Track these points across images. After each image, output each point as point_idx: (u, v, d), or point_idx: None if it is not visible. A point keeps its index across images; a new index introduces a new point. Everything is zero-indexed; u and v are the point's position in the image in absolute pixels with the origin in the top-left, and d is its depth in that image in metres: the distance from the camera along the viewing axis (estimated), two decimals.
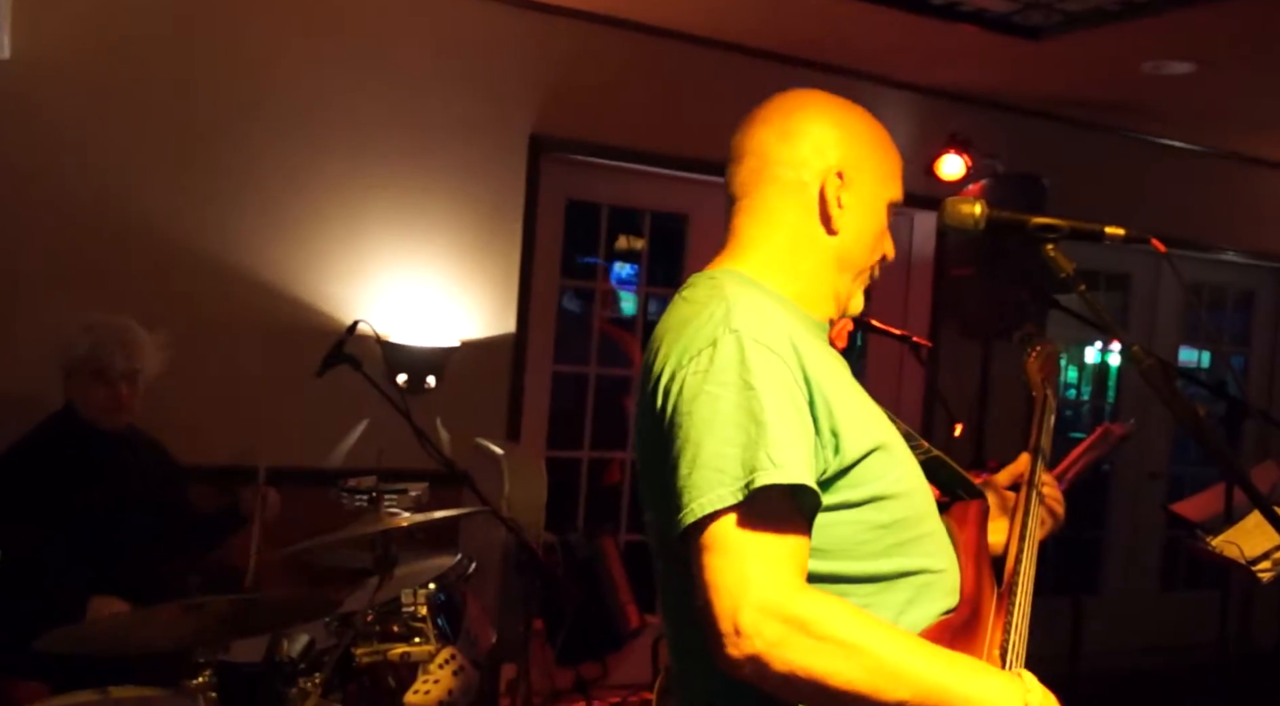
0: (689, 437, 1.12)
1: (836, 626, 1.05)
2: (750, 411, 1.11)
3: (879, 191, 1.35)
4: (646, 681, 3.73)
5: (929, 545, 1.25)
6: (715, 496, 1.08)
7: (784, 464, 1.09)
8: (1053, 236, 1.38)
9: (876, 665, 1.04)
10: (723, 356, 1.14)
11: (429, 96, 3.78)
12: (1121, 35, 3.77)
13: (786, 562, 1.08)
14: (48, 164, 3.30)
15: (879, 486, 1.20)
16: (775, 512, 1.09)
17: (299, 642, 2.43)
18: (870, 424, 1.23)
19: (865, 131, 1.36)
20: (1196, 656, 4.97)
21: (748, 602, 1.04)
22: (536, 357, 4.14)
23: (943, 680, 1.06)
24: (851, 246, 1.33)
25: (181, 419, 3.26)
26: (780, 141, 1.33)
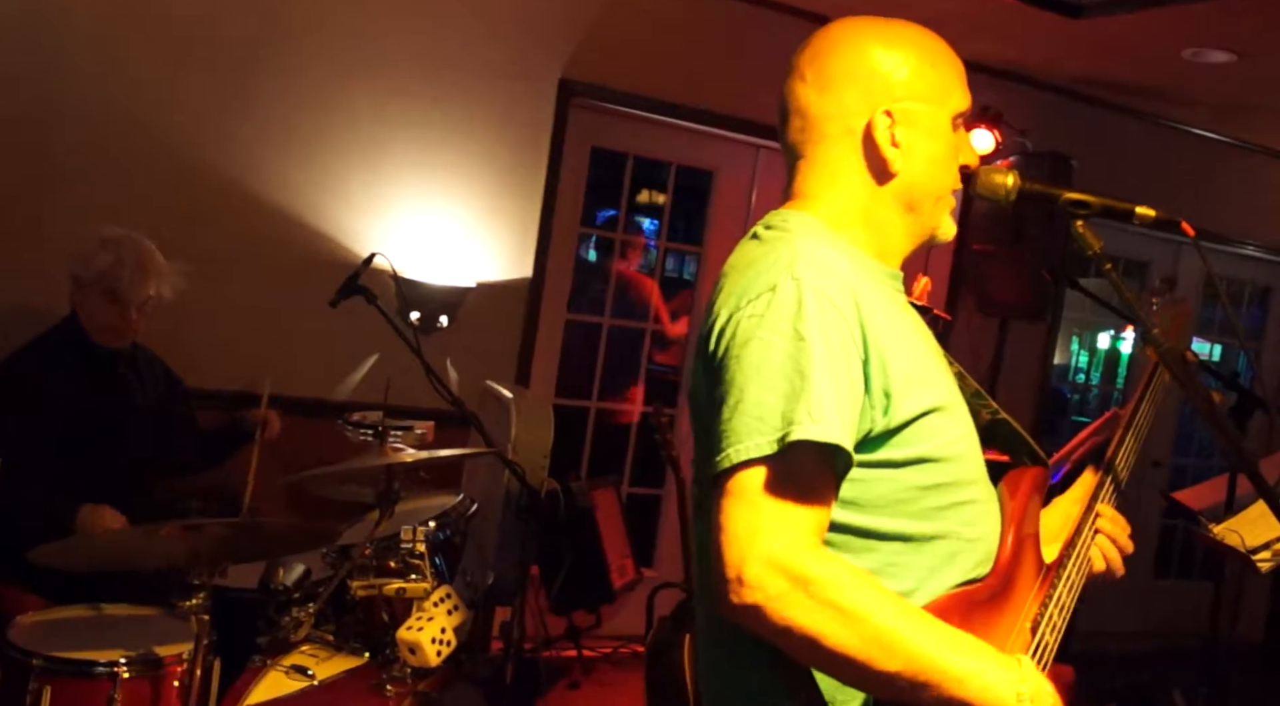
0: (734, 381, 1.11)
1: (839, 591, 1.04)
2: (798, 363, 1.09)
3: (938, 113, 1.28)
4: (639, 633, 3.77)
5: (969, 512, 1.23)
6: (751, 445, 1.08)
7: (822, 420, 1.07)
8: (1083, 213, 1.35)
9: (872, 634, 1.04)
10: (780, 303, 1.12)
11: (461, 35, 3.73)
12: (1164, 19, 3.70)
13: (804, 520, 1.08)
14: (76, 83, 3.26)
15: (927, 448, 1.18)
16: (805, 469, 1.08)
17: (294, 572, 2.45)
18: (929, 384, 1.20)
19: (908, 54, 1.27)
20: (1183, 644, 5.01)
21: (755, 553, 1.05)
22: (551, 304, 4.12)
23: (937, 657, 1.05)
24: (920, 180, 1.27)
25: (192, 341, 3.27)
26: (819, 94, 1.27)
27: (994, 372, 4.81)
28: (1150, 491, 5.47)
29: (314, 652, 2.32)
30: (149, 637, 2.21)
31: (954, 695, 1.06)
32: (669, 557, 4.56)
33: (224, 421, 3.06)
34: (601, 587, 3.75)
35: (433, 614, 2.25)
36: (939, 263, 4.78)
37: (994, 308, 4.68)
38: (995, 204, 1.38)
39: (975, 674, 1.06)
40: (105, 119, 3.30)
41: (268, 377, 2.73)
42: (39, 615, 2.32)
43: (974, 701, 1.06)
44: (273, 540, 2.33)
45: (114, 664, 2.11)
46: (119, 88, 3.31)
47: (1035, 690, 1.08)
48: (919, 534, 1.19)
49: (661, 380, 4.76)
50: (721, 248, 4.52)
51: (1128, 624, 5.41)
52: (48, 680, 2.07)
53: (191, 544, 2.04)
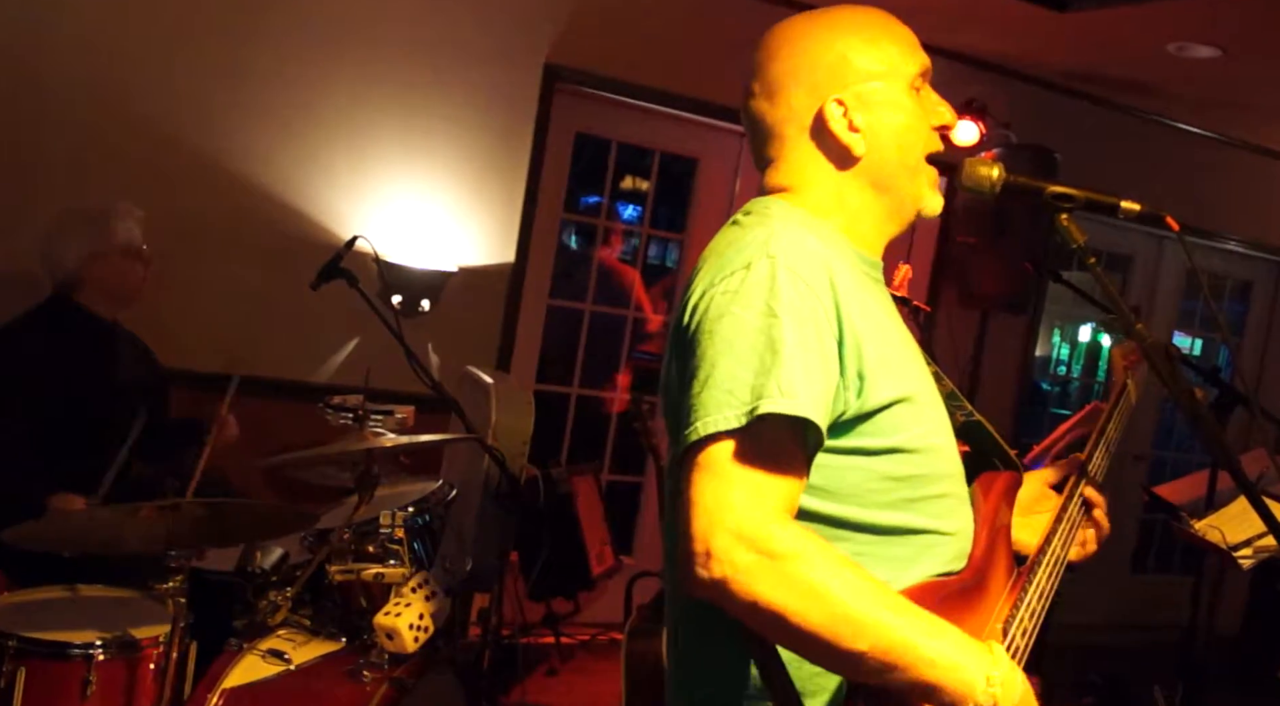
0: (705, 356, 1.11)
1: (808, 566, 1.03)
2: (769, 338, 1.09)
3: (890, 85, 1.27)
4: (618, 621, 3.77)
5: (942, 506, 1.23)
6: (719, 418, 1.07)
7: (792, 394, 1.07)
8: (1068, 206, 1.35)
9: (840, 612, 1.02)
10: (754, 280, 1.12)
11: (446, 19, 3.70)
12: (1150, 14, 3.71)
13: (774, 495, 1.07)
14: (62, 62, 3.22)
15: (899, 438, 1.18)
16: (774, 443, 1.08)
17: (272, 555, 2.44)
18: (903, 373, 1.20)
19: (843, 39, 1.27)
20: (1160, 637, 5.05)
21: (723, 526, 1.04)
22: (533, 290, 4.11)
23: (906, 637, 1.04)
24: (889, 156, 1.26)
25: (171, 320, 3.25)
26: (770, 103, 1.28)
27: (975, 365, 4.83)
28: (1130, 485, 5.52)
29: (291, 637, 2.32)
30: (125, 620, 2.20)
31: (922, 677, 1.04)
32: (648, 546, 4.57)
33: (184, 421, 3.01)
34: (580, 575, 3.74)
35: (410, 600, 2.24)
36: (921, 253, 4.79)
37: (976, 299, 4.70)
38: (980, 196, 1.38)
39: (945, 655, 1.05)
40: (89, 97, 3.26)
41: (235, 377, 2.71)
42: (14, 596, 2.30)
43: (943, 684, 1.04)
44: (252, 522, 2.32)
45: (90, 646, 2.10)
46: (105, 66, 3.27)
47: (1006, 675, 1.07)
48: (890, 525, 1.18)
49: (643, 368, 4.75)
50: (704, 235, 4.50)
51: (1105, 616, 5.47)
52: (22, 661, 2.05)
53: (169, 525, 2.02)
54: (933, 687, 1.05)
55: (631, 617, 3.04)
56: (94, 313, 2.77)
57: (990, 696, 1.05)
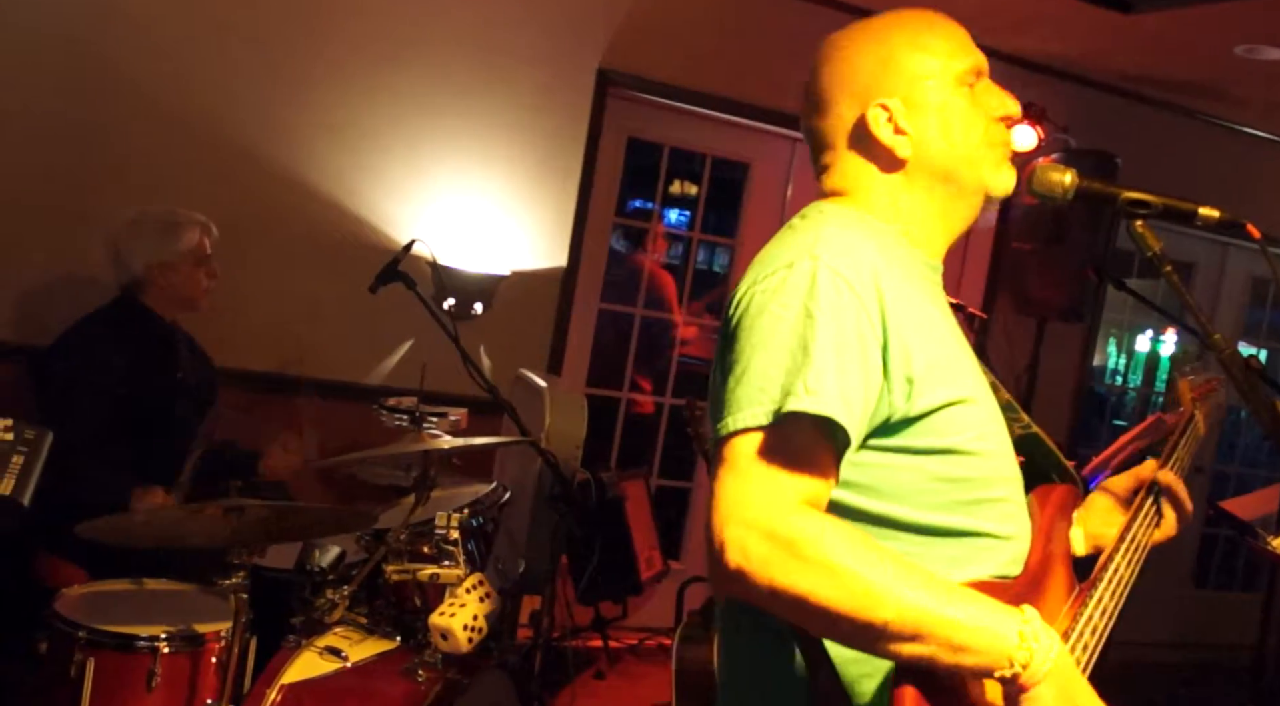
0: (742, 353, 1.13)
1: (822, 547, 1.02)
2: (803, 338, 1.09)
3: (941, 82, 1.26)
4: (666, 626, 3.77)
5: (998, 510, 1.21)
6: (748, 414, 1.09)
7: (818, 393, 1.07)
8: (1144, 213, 1.32)
9: (855, 586, 1.01)
10: (794, 280, 1.13)
11: (501, 23, 3.73)
12: (1217, 15, 3.63)
13: (794, 489, 1.06)
14: (127, 69, 3.28)
15: (953, 440, 1.17)
16: (798, 441, 1.08)
17: (330, 554, 2.46)
18: (956, 376, 1.19)
19: (885, 45, 1.28)
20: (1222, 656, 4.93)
21: (736, 518, 1.04)
22: (584, 294, 4.12)
23: (927, 603, 1.02)
24: (938, 152, 1.26)
25: (229, 321, 3.29)
26: (821, 117, 1.31)
27: (1031, 373, 4.75)
28: (1191, 498, 5.40)
29: (347, 635, 2.33)
30: (189, 614, 2.24)
31: (951, 640, 1.01)
32: (696, 551, 4.56)
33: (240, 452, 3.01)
34: (629, 579, 3.74)
35: (465, 600, 2.25)
36: (977, 260, 4.73)
37: (1032, 307, 4.62)
38: (1051, 202, 1.36)
39: (971, 616, 1.03)
40: (155, 103, 3.32)
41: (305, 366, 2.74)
42: (84, 588, 2.36)
43: (974, 645, 1.02)
44: (312, 522, 2.35)
45: (155, 639, 2.14)
46: (170, 73, 3.34)
47: (1039, 630, 1.04)
48: (941, 526, 1.17)
49: (693, 372, 4.74)
50: (755, 240, 4.50)
51: (1166, 634, 5.34)
52: (91, 652, 2.10)
53: (233, 524, 2.05)
54: (964, 650, 1.02)
55: (682, 623, 3.04)
56: (158, 314, 2.84)
57: (1026, 651, 1.02)
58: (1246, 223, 1.31)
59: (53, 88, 3.21)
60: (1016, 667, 1.02)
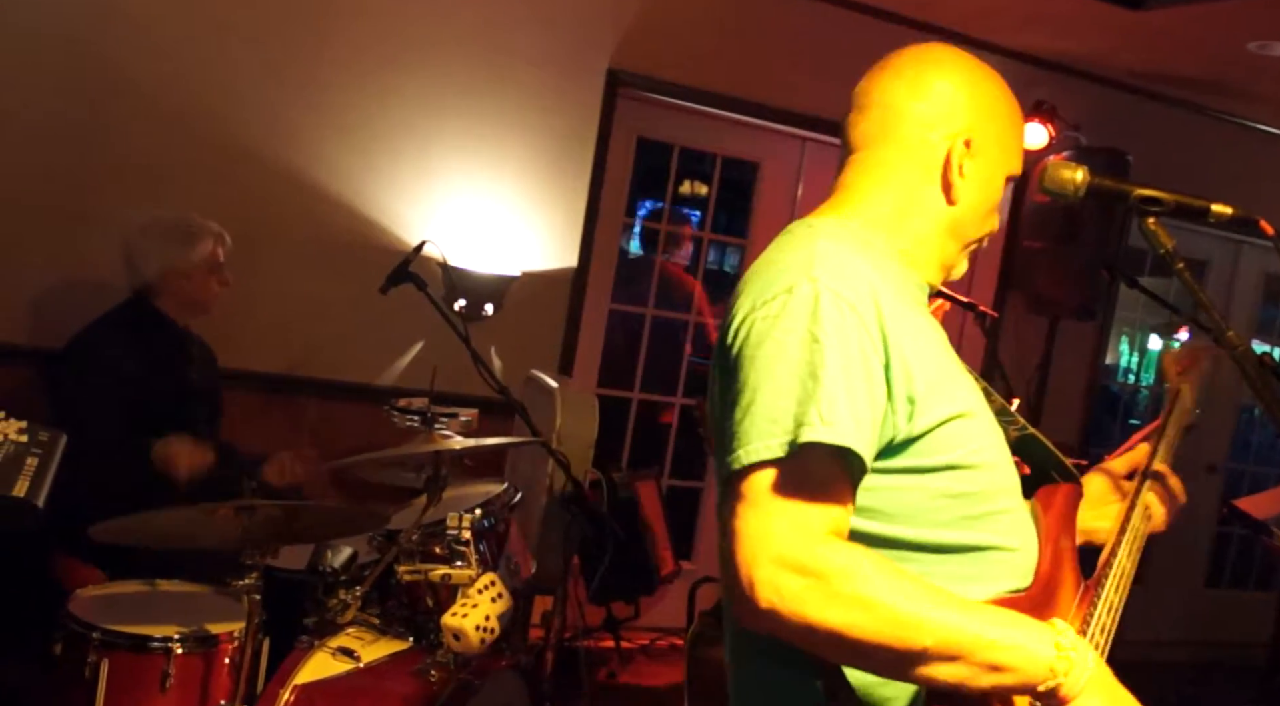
0: (747, 382, 1.10)
1: (854, 581, 1.02)
2: (811, 365, 1.07)
3: (1001, 164, 1.31)
4: (678, 626, 3.77)
5: (1002, 522, 1.21)
6: (761, 446, 1.06)
7: (833, 422, 1.05)
8: (1156, 210, 1.31)
9: (894, 617, 1.01)
10: (795, 305, 1.11)
11: (511, 24, 3.73)
12: (1229, 11, 3.61)
13: (816, 520, 1.05)
14: (135, 70, 3.30)
15: (955, 455, 1.17)
16: (816, 471, 1.06)
17: (342, 555, 2.47)
18: (954, 391, 1.19)
19: (998, 98, 1.32)
20: (1236, 654, 4.91)
21: (765, 555, 1.03)
22: (595, 294, 4.12)
23: (964, 625, 1.02)
24: (965, 217, 1.29)
25: (239, 323, 3.31)
26: (912, 97, 1.28)
27: (1043, 372, 4.74)
28: (1204, 497, 5.38)
29: (360, 635, 2.34)
30: (202, 615, 2.25)
31: (991, 661, 1.02)
32: (708, 551, 4.55)
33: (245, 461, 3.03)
34: (641, 579, 3.74)
35: (477, 601, 2.25)
36: (988, 259, 4.72)
37: (1044, 306, 4.60)
38: (1062, 199, 1.35)
39: (1008, 635, 1.03)
40: (162, 105, 3.34)
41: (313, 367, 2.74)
42: (98, 589, 2.37)
43: (1013, 664, 1.02)
44: (324, 523, 2.36)
45: (169, 639, 2.15)
46: (177, 74, 3.35)
47: (1075, 641, 1.05)
48: (950, 543, 1.17)
49: (703, 373, 4.74)
50: (766, 240, 4.46)
51: (1179, 632, 5.32)
52: (106, 653, 2.11)
53: (245, 524, 2.06)
54: (1003, 669, 1.02)
55: (694, 624, 3.04)
56: (169, 317, 2.86)
57: (1065, 662, 1.03)
58: (1260, 219, 1.30)
59: (57, 89, 3.22)
60: (1057, 681, 1.03)
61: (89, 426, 2.49)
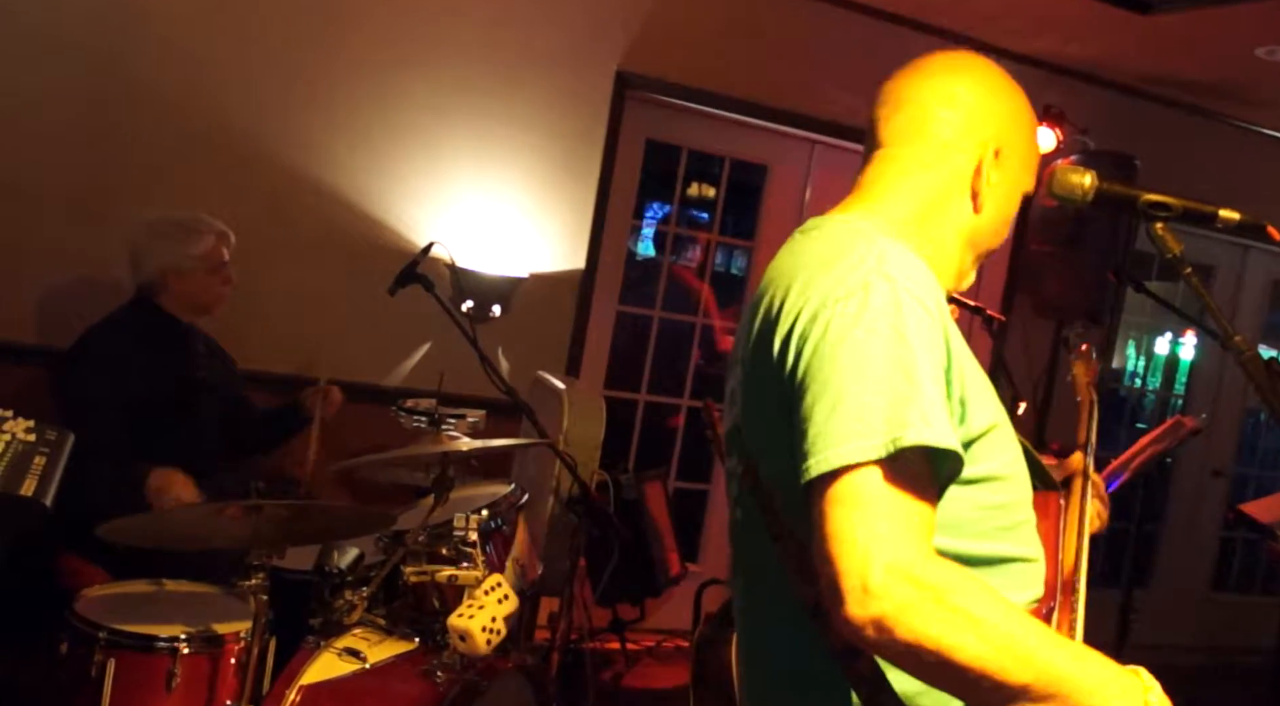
0: (830, 383, 1.05)
1: (969, 598, 0.99)
2: (902, 364, 1.05)
3: (1020, 179, 1.33)
4: (684, 628, 3.77)
5: (1025, 533, 1.21)
6: (856, 448, 1.02)
7: (934, 424, 1.03)
8: (1163, 215, 1.31)
9: (1006, 643, 0.98)
10: (877, 302, 1.08)
11: (520, 26, 3.74)
12: (1237, 16, 3.61)
13: (920, 527, 1.02)
14: (145, 71, 3.31)
15: (993, 466, 1.16)
16: (915, 474, 1.03)
17: (348, 555, 2.47)
18: (989, 400, 1.18)
19: (1023, 113, 1.34)
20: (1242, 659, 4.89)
21: (879, 560, 0.98)
22: (603, 296, 4.13)
23: (1067, 667, 0.99)
24: (985, 226, 1.31)
25: (248, 324, 3.32)
26: (944, 102, 1.29)
27: (1049, 376, 4.73)
28: (1210, 501, 5.36)
29: (366, 636, 2.34)
30: (208, 615, 2.25)
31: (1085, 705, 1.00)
32: (714, 553, 4.55)
33: (282, 403, 3.10)
34: (647, 581, 3.74)
35: (484, 602, 2.25)
36: (995, 262, 4.71)
37: (1051, 309, 4.60)
38: (1070, 204, 1.35)
39: (1106, 683, 1.01)
40: (173, 104, 3.35)
41: (323, 366, 2.77)
42: (104, 588, 2.37)
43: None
44: (331, 522, 2.36)
45: (175, 639, 2.15)
46: (188, 75, 3.36)
47: (1162, 699, 1.03)
48: (988, 555, 1.16)
49: (711, 376, 4.74)
50: (774, 243, 4.46)
51: (1185, 637, 5.30)
52: (112, 653, 2.11)
53: (252, 524, 2.07)
54: None
55: (700, 626, 3.04)
56: (173, 315, 2.87)
57: None
58: (1268, 224, 1.30)
59: (69, 91, 3.23)
60: None
61: (94, 427, 2.50)
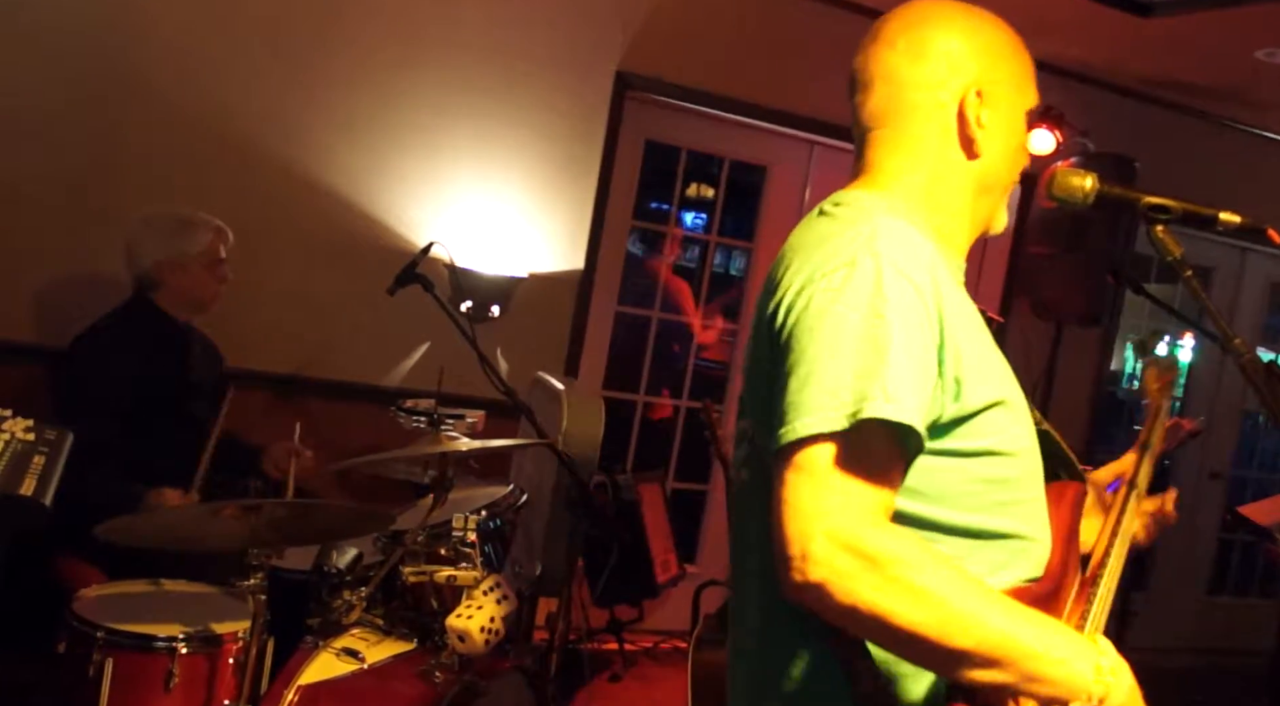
0: (806, 355, 1.08)
1: (908, 568, 1.01)
2: (875, 340, 1.06)
3: (1017, 101, 1.29)
4: (682, 629, 3.76)
5: (1029, 511, 1.21)
6: (820, 419, 1.04)
7: (896, 400, 1.04)
8: (1164, 218, 1.32)
9: (942, 612, 1.00)
10: (859, 279, 1.09)
11: (520, 26, 3.74)
12: (1237, 19, 3.62)
13: (871, 498, 1.04)
14: (145, 68, 3.31)
15: (994, 441, 1.16)
16: (875, 448, 1.05)
17: (347, 555, 2.47)
18: (996, 376, 1.19)
19: (997, 37, 1.29)
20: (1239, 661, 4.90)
21: (821, 529, 1.01)
22: (601, 297, 4.13)
23: (1011, 632, 1.01)
24: (994, 167, 1.27)
25: (245, 323, 3.32)
26: (911, 62, 1.26)
27: (1048, 378, 4.73)
28: (1208, 504, 5.36)
29: (364, 636, 2.34)
30: (207, 615, 2.25)
31: (1031, 672, 1.02)
32: (712, 554, 4.55)
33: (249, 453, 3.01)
34: (645, 582, 3.75)
35: (482, 603, 2.26)
36: (994, 264, 4.72)
37: (1049, 311, 4.60)
38: (1071, 206, 1.35)
39: (1052, 648, 1.03)
40: (174, 103, 3.35)
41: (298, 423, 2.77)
42: (103, 588, 2.37)
43: (1053, 677, 1.02)
44: (330, 523, 2.36)
45: (173, 639, 2.15)
46: (189, 73, 3.36)
47: (1116, 664, 1.05)
48: (983, 529, 1.16)
49: (709, 376, 4.74)
50: (773, 243, 4.49)
51: (1182, 640, 5.31)
52: (110, 652, 2.11)
53: (250, 524, 2.06)
54: (1042, 681, 1.02)
55: (698, 627, 3.04)
56: (169, 314, 2.87)
57: (1103, 685, 1.03)
58: (1268, 227, 1.30)
59: (68, 88, 3.23)
60: (1095, 703, 1.02)
61: (93, 426, 2.50)
